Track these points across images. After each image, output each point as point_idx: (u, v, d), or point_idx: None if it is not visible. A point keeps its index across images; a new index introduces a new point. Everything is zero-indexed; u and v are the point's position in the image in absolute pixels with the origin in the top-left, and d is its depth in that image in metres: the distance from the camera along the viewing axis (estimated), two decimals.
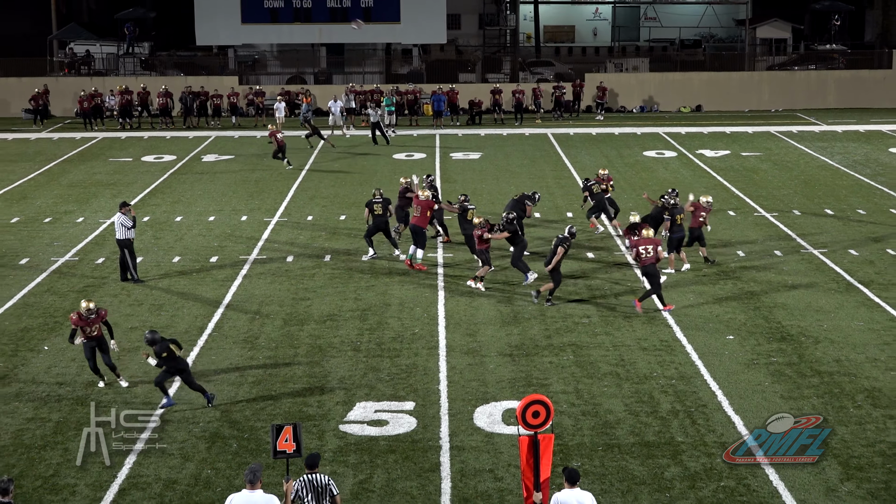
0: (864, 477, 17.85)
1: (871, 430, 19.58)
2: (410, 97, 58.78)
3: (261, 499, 14.29)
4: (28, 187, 41.71)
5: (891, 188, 39.98)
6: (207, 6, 63.25)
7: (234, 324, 25.86)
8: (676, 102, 62.42)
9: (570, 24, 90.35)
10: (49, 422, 20.51)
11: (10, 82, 62.26)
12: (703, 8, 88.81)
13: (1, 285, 29.05)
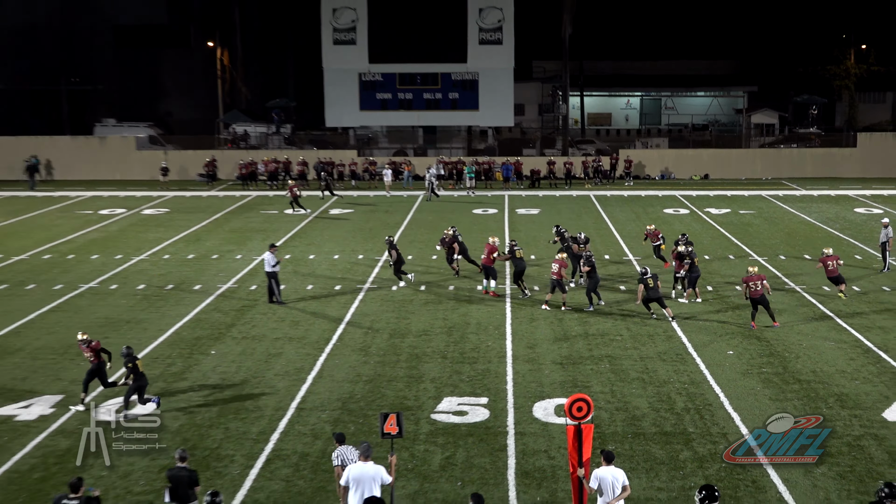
0: (834, 462, 17.64)
1: (839, 426, 19.36)
2: (486, 166, 58.85)
3: (371, 469, 14.36)
4: (201, 232, 42.28)
5: (855, 239, 39.41)
6: (334, 97, 63.91)
7: (352, 336, 26.01)
8: (689, 172, 61.99)
9: (607, 112, 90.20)
10: (214, 407, 20.76)
11: (187, 154, 63.18)
12: (710, 100, 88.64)
13: (180, 304, 29.47)
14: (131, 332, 26.44)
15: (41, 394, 21.68)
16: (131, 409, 20.23)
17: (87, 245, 39.31)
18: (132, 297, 30.48)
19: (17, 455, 18.38)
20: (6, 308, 29.19)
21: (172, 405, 20.84)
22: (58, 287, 31.84)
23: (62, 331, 26.56)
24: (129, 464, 17.79)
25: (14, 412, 20.58)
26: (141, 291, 31.28)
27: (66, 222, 45.11)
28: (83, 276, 33.41)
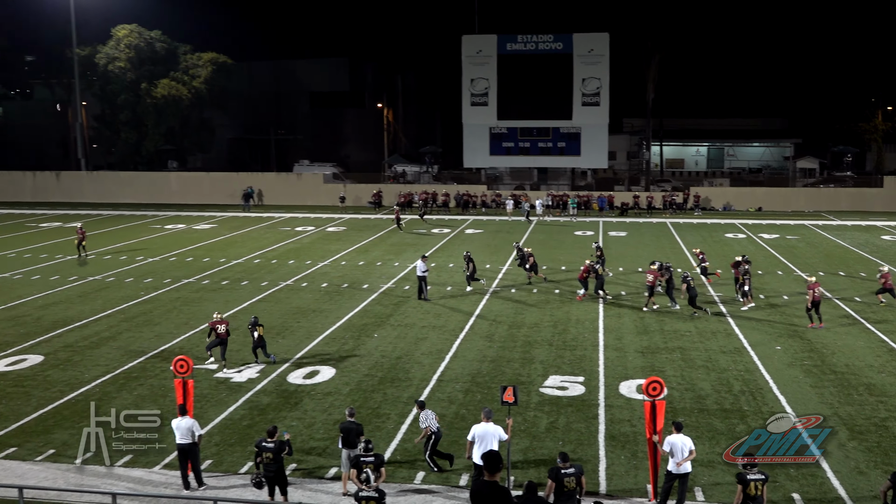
0: (863, 438, 16.65)
1: (868, 409, 18.29)
2: (585, 199, 58.07)
3: (492, 428, 14.18)
4: (369, 245, 42.80)
5: (882, 260, 37.39)
6: (471, 144, 64.01)
7: (480, 326, 25.87)
8: (746, 205, 59.93)
9: (681, 158, 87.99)
10: (375, 376, 20.87)
11: (360, 186, 64.16)
12: (764, 149, 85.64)
13: (352, 299, 29.80)
14: (316, 319, 26.85)
15: (250, 362, 22.18)
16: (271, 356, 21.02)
17: (285, 253, 40.22)
18: (317, 293, 30.99)
19: (231, 407, 18.82)
20: (227, 298, 30.02)
21: (345, 375, 21.04)
22: (264, 284, 32.61)
23: (266, 316, 27.09)
24: (312, 417, 18.01)
25: (230, 375, 21.10)
26: (324, 288, 31.79)
27: (271, 236, 46.28)
28: (282, 276, 34.16)
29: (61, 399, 19.40)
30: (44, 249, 41.34)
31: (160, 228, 49.97)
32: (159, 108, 70.77)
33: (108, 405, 18.88)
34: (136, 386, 20.32)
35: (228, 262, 37.34)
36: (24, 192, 67.71)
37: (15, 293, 31.09)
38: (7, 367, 21.87)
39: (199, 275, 34.48)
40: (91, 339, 24.55)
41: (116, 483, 14.91)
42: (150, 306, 28.83)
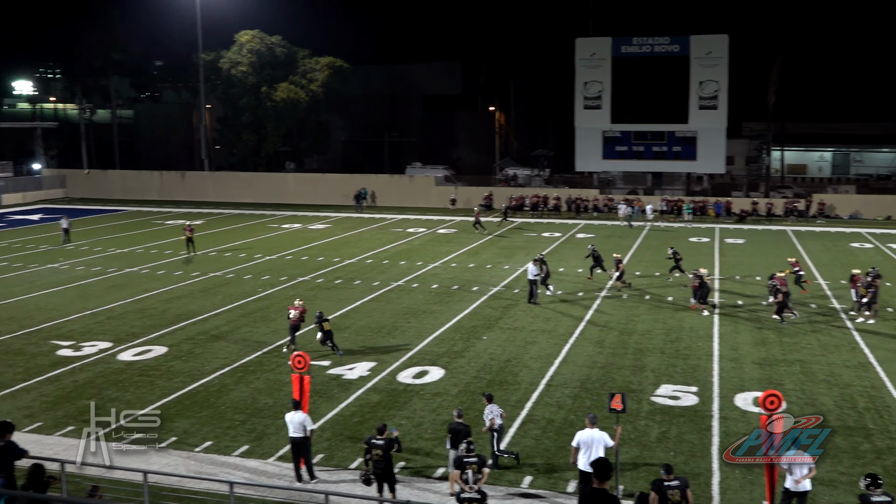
0: None
1: None
2: (701, 204, 56.59)
3: (598, 434, 13.97)
4: (479, 247, 42.89)
5: None
6: (583, 148, 63.32)
7: (590, 332, 25.55)
8: (873, 213, 57.12)
9: (803, 163, 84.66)
10: (484, 378, 20.84)
11: (471, 189, 64.29)
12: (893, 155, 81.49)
13: (462, 301, 29.90)
14: (426, 320, 27.08)
15: (361, 360, 22.54)
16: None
17: (397, 254, 40.74)
18: (427, 294, 31.25)
19: (342, 403, 19.17)
20: (340, 297, 30.62)
21: (453, 376, 21.13)
22: (375, 283, 33.12)
23: (377, 315, 27.53)
24: (421, 417, 18.16)
25: (342, 372, 21.50)
26: (434, 290, 32.03)
27: (383, 237, 46.97)
28: (393, 277, 34.60)
29: (183, 389, 20.20)
30: (169, 246, 43.15)
31: (277, 227, 51.44)
32: (278, 110, 72.92)
33: (225, 397, 19.56)
34: (252, 379, 20.96)
35: (342, 262, 38.08)
36: (152, 191, 70.92)
37: (142, 287, 32.57)
38: (134, 357, 22.93)
39: (314, 273, 35.30)
40: (211, 333, 25.47)
41: (233, 472, 15.41)
42: (267, 303, 29.69)
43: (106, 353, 23.31)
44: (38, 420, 18.14)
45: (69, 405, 19.10)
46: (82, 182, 73.07)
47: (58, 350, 23.69)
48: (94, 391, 20.04)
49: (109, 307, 29.12)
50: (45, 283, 33.46)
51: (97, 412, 13.28)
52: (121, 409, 18.72)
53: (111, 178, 73.36)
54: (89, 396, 19.63)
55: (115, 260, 39.09)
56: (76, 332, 25.64)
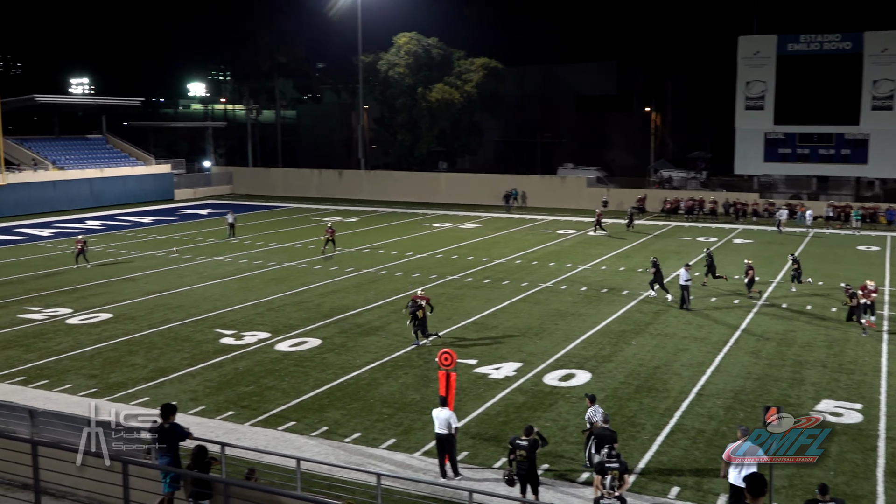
0: None
1: None
2: (871, 211, 53.31)
3: (750, 448, 13.41)
4: (630, 250, 42.10)
5: None
6: (743, 150, 61.08)
7: (746, 341, 24.56)
8: None
9: None
10: (632, 385, 20.43)
11: (624, 191, 63.11)
12: None
13: (611, 304, 29.42)
14: (574, 322, 26.83)
15: (508, 360, 22.58)
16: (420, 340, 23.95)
17: (546, 255, 40.55)
18: (576, 296, 30.95)
19: (487, 402, 19.27)
20: (489, 297, 30.78)
21: (600, 380, 20.83)
22: (524, 284, 33.09)
23: (525, 316, 27.50)
24: (566, 420, 17.99)
25: (488, 371, 21.61)
26: (583, 292, 31.69)
27: (533, 238, 46.86)
28: (542, 278, 34.47)
29: (335, 381, 20.87)
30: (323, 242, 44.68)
31: (428, 226, 52.29)
32: (433, 111, 74.11)
33: (375, 390, 20.05)
34: (401, 374, 21.40)
35: (491, 262, 38.27)
36: (311, 189, 73.68)
37: (299, 280, 33.89)
38: (290, 348, 23.89)
39: (463, 272, 35.65)
40: (363, 327, 26.20)
41: (380, 464, 15.79)
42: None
43: (264, 343, 24.41)
44: (201, 404, 19.20)
45: (230, 391, 20.11)
46: (247, 179, 76.81)
47: (221, 338, 25.00)
48: (253, 379, 21.02)
49: (269, 299, 30.47)
50: (211, 275, 35.38)
51: (97, 412, 13.79)
52: (277, 398, 19.56)
53: (273, 175, 76.75)
54: (249, 383, 20.62)
55: (275, 254, 40.86)
56: (238, 322, 26.97)
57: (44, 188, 60.84)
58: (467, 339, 24.85)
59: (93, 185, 64.04)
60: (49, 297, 31.00)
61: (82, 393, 19.91)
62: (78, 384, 20.61)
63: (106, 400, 19.31)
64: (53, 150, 66.39)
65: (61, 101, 70.24)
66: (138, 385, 20.48)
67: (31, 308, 29.17)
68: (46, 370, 21.87)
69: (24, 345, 24.37)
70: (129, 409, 13.70)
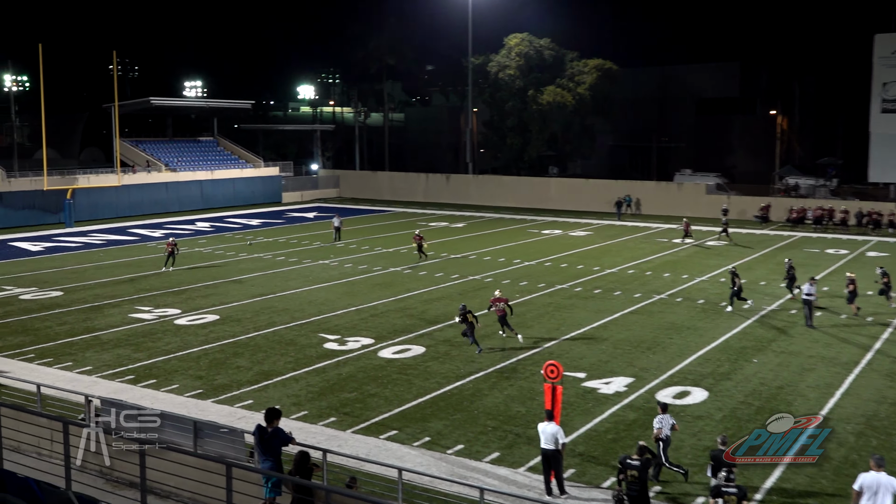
0: None
1: None
2: None
3: (885, 479, 12.64)
4: (752, 262, 40.78)
5: None
6: (878, 156, 58.51)
7: (880, 362, 23.37)
8: None
9: None
10: (752, 405, 19.70)
11: (746, 199, 61.23)
12: None
13: (731, 318, 28.51)
14: (690, 336, 26.15)
15: (618, 374, 22.17)
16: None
17: (661, 265, 39.72)
18: (692, 309, 30.17)
19: (597, 419, 18.94)
20: (598, 308, 30.34)
21: (718, 399, 20.19)
22: (637, 295, 32.48)
23: (637, 329, 26.97)
24: (680, 440, 17.49)
25: (597, 386, 21.26)
26: (700, 305, 30.88)
27: (647, 247, 45.99)
28: (656, 289, 33.76)
29: (438, 390, 20.92)
30: (433, 247, 44.97)
31: (537, 233, 52.01)
32: (544, 114, 73.79)
33: (479, 401, 19.99)
34: (506, 385, 21.28)
35: (602, 271, 37.75)
36: (418, 193, 74.45)
37: (404, 286, 34.22)
38: (394, 355, 24.10)
39: (572, 281, 35.28)
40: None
41: (483, 478, 15.70)
42: (524, 309, 30.06)
43: (368, 350, 24.70)
44: (304, 408, 19.55)
45: (332, 397, 20.41)
46: (354, 182, 78.23)
47: (325, 343, 25.44)
48: (356, 385, 21.29)
49: (373, 304, 30.85)
50: (317, 279, 36.10)
51: (98, 412, 13.91)
52: (379, 406, 19.73)
53: (380, 179, 77.92)
54: (351, 390, 20.89)
55: (380, 259, 41.39)
56: (342, 327, 27.41)
57: (156, 189, 63.50)
58: (576, 351, 24.53)
59: (203, 187, 66.50)
60: (159, 298, 32.25)
61: (189, 394, 20.58)
62: (185, 384, 21.33)
63: (211, 402, 19.90)
64: (166, 151, 69.29)
65: (175, 103, 73.19)
66: (243, 388, 21.03)
67: (141, 308, 30.41)
68: (155, 370, 22.72)
69: (134, 344, 25.40)
70: (130, 410, 13.99)
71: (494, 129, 79.65)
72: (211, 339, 26.00)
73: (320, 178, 79.37)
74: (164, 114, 74.97)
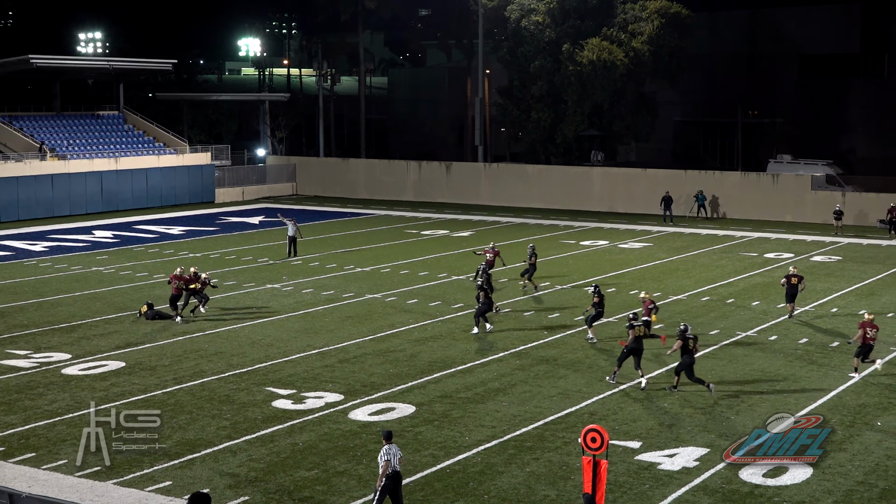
0: None
1: None
2: None
3: None
4: (876, 285, 40.88)
5: None
6: None
7: None
8: None
9: None
10: (874, 489, 19.80)
11: (869, 197, 61.40)
12: None
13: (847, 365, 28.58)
14: (786, 388, 26.23)
15: (687, 443, 22.20)
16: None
17: (748, 290, 39.77)
18: (790, 352, 30.24)
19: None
20: (661, 349, 30.35)
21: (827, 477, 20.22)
22: (713, 332, 32.54)
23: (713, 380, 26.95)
24: None
25: (658, 459, 21.29)
26: (802, 345, 30.94)
27: (729, 264, 46.07)
28: (740, 324, 33.81)
29: (433, 467, 20.92)
30: (427, 265, 45.07)
31: (574, 245, 52.12)
32: (584, 78, 74.02)
33: (490, 482, 20.06)
34: (528, 459, 21.34)
35: (664, 298, 37.81)
36: (406, 188, 74.70)
37: (387, 321, 34.35)
38: (371, 417, 24.17)
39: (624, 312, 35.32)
40: (475, 390, 26.27)
41: None
42: (556, 352, 30.14)
43: (335, 409, 24.76)
44: (244, 493, 19.60)
45: (284, 476, 20.45)
46: (317, 174, 78.42)
47: (274, 400, 25.50)
48: (318, 460, 21.35)
49: (343, 346, 30.92)
50: (263, 310, 36.19)
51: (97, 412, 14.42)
52: (351, 489, 19.77)
53: (354, 169, 78.21)
54: (311, 466, 20.95)
55: (353, 282, 41.50)
56: (298, 378, 27.49)
57: (38, 185, 63.50)
58: (627, 410, 24.59)
59: (104, 182, 66.56)
60: (40, 337, 32.33)
61: (82, 473, 20.61)
62: (75, 460, 21.34)
63: (113, 483, 19.96)
64: (53, 131, 69.52)
65: (65, 63, 73.27)
66: (157, 464, 21.05)
67: (15, 351, 30.48)
68: (34, 439, 22.76)
69: (5, 403, 25.46)
70: (129, 411, 14.56)
71: (514, 100, 79.90)
72: (113, 395, 26.05)
73: (269, 169, 79.65)
74: (49, 78, 75.12)
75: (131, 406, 24.94)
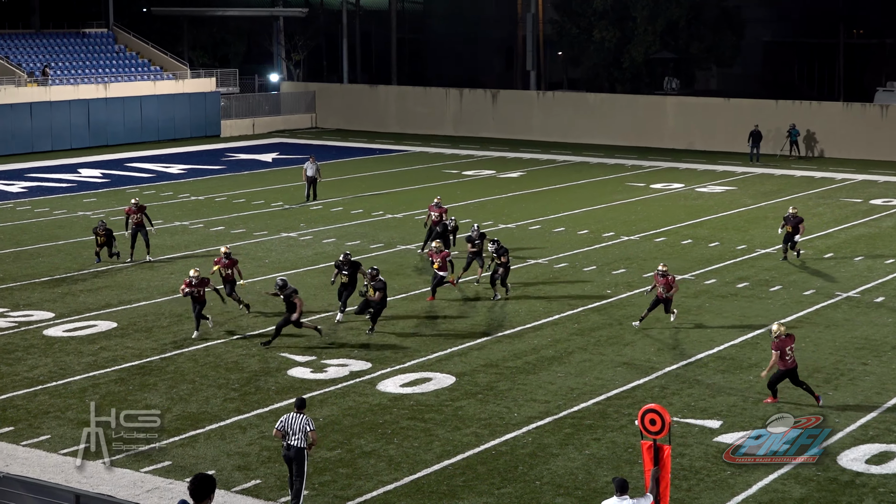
0: None
1: None
2: None
3: None
4: None
5: None
6: None
7: None
8: None
9: None
10: None
11: None
12: None
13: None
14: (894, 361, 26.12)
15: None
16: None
17: (849, 242, 39.49)
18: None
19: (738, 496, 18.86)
20: (744, 312, 30.19)
21: None
22: (808, 293, 32.34)
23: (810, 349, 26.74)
24: None
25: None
26: None
27: (827, 212, 45.72)
28: (841, 283, 33.59)
29: (477, 447, 20.89)
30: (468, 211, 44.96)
31: (643, 188, 51.87)
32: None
33: (543, 465, 20.05)
34: (588, 440, 21.31)
35: (750, 252, 37.64)
36: (445, 122, 74.43)
37: (422, 275, 34.27)
38: (403, 388, 24.19)
39: (700, 269, 35.21)
40: (526, 359, 26.22)
41: None
42: (621, 312, 30.05)
43: (361, 379, 24.80)
44: (254, 476, 19.66)
45: None
46: (340, 104, 78.24)
47: (290, 368, 25.57)
48: (341, 438, 21.34)
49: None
50: (278, 262, 36.26)
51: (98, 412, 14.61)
52: (379, 472, 19.79)
53: (384, 98, 78.01)
54: (333, 445, 20.95)
55: (383, 230, 41.52)
56: (318, 343, 27.52)
57: (15, 115, 63.71)
58: (704, 383, 24.50)
59: (91, 111, 66.65)
60: (19, 292, 32.55)
61: (66, 450, 20.74)
62: (60, 435, 21.47)
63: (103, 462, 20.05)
64: (31, 52, 69.68)
65: None
66: (154, 441, 21.14)
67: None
68: (12, 411, 22.94)
69: None
70: (130, 411, 14.84)
71: (572, 17, 79.44)
72: (103, 360, 26.19)
73: (284, 98, 79.59)
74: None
75: (124, 372, 25.10)
